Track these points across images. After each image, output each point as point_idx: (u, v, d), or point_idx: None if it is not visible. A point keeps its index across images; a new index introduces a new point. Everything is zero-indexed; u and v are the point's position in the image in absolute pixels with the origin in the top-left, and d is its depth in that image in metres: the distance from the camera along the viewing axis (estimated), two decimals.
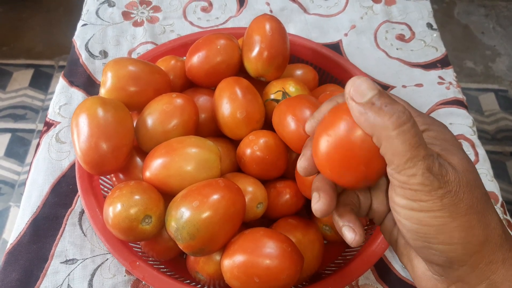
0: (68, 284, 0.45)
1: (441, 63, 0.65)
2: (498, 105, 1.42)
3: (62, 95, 0.59)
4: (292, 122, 0.40)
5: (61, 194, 0.50)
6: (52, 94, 0.59)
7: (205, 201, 0.35)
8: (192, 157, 0.39)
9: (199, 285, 0.42)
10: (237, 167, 0.46)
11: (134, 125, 0.43)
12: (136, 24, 0.68)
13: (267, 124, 0.46)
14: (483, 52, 1.56)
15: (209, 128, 0.47)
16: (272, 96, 0.46)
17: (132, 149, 0.43)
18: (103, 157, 0.39)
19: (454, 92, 0.62)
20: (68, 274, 0.45)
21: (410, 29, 0.69)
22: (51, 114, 0.57)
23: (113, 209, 0.36)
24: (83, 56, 0.63)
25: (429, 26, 0.70)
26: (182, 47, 0.55)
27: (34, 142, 1.26)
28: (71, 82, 0.60)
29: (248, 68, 0.48)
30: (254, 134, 0.43)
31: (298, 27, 0.69)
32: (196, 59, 0.47)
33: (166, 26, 0.68)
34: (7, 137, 1.28)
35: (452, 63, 0.65)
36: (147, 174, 0.39)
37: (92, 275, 0.45)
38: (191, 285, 0.39)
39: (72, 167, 0.52)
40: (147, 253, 0.43)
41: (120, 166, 0.41)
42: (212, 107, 0.46)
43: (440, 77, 0.64)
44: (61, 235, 0.48)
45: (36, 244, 0.47)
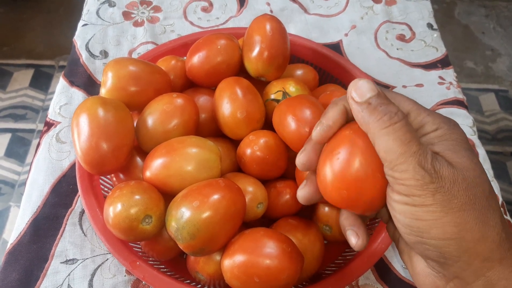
0: (68, 284, 0.45)
1: (442, 63, 0.65)
2: (499, 105, 1.42)
3: (63, 95, 0.59)
4: (293, 122, 0.40)
5: (62, 194, 0.50)
6: (53, 94, 0.59)
7: (206, 201, 0.35)
8: (193, 157, 0.39)
9: (199, 285, 0.42)
10: (238, 167, 0.46)
11: (135, 125, 0.43)
12: (137, 24, 0.68)
13: (268, 124, 0.46)
14: (484, 52, 1.56)
15: (210, 128, 0.47)
16: (273, 96, 0.46)
17: (133, 149, 0.43)
18: (104, 157, 0.39)
19: (455, 92, 0.62)
20: (68, 274, 0.45)
21: (411, 29, 0.69)
22: (52, 114, 0.57)
23: (114, 209, 0.36)
24: (84, 56, 0.63)
25: (430, 26, 0.70)
26: (183, 47, 0.55)
27: (34, 142, 1.26)
28: (72, 82, 0.60)
29: (249, 68, 0.48)
30: (255, 134, 0.43)
31: (299, 27, 0.69)
32: (197, 59, 0.47)
33: (167, 26, 0.68)
34: (7, 137, 1.28)
35: (453, 63, 0.65)
36: (148, 174, 0.39)
37: (92, 275, 0.45)
38: (191, 285, 0.39)
39: (73, 167, 0.52)
40: (147, 253, 0.43)
41: (121, 166, 0.41)
42: (213, 107, 0.46)
43: (441, 77, 0.64)
44: (61, 235, 0.48)
45: (36, 244, 0.47)
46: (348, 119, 0.28)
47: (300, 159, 0.29)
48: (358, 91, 0.25)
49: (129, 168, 0.44)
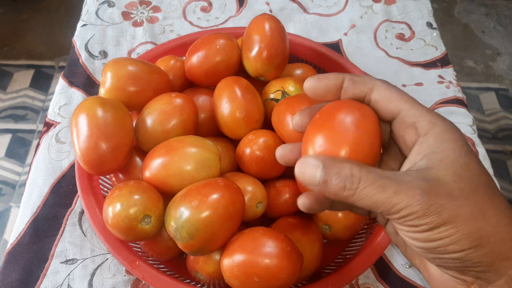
0: (68, 284, 0.45)
1: (441, 62, 0.65)
2: (499, 104, 1.42)
3: (62, 95, 0.59)
4: (292, 122, 0.40)
5: (61, 194, 0.50)
6: (53, 95, 0.59)
7: (205, 201, 0.35)
8: (192, 157, 0.39)
9: (199, 285, 0.42)
10: (237, 167, 0.46)
11: (134, 125, 0.43)
12: (136, 24, 0.68)
13: (267, 124, 0.46)
14: (484, 51, 1.56)
15: (209, 128, 0.47)
16: (272, 96, 0.46)
17: (132, 149, 0.43)
18: (103, 157, 0.39)
19: (454, 91, 0.62)
20: (68, 274, 0.45)
21: (410, 28, 0.69)
22: (51, 115, 0.57)
23: (113, 209, 0.36)
24: (83, 56, 0.63)
25: (429, 25, 0.70)
26: (182, 47, 0.55)
27: (35, 143, 1.27)
28: (71, 82, 0.60)
29: (248, 68, 0.48)
30: (254, 134, 0.43)
31: (298, 27, 0.69)
32: (196, 59, 0.47)
33: (166, 26, 0.68)
34: (8, 138, 1.28)
35: (453, 62, 0.65)
36: (147, 174, 0.39)
37: (92, 275, 0.45)
38: (191, 285, 0.39)
39: (72, 167, 0.52)
40: (147, 253, 0.43)
41: (120, 166, 0.41)
42: (212, 107, 0.46)
43: (440, 76, 0.64)
44: (61, 235, 0.48)
45: (36, 244, 0.47)
46: (342, 91, 0.28)
47: (296, 118, 0.30)
48: (307, 177, 0.24)
49: (128, 168, 0.44)
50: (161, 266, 0.43)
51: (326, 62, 0.55)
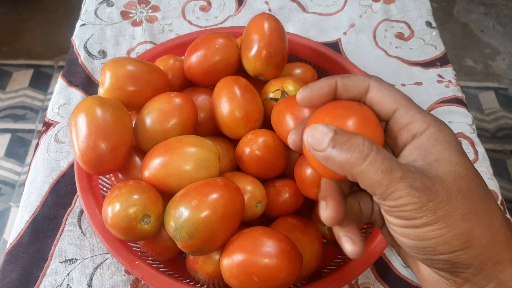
0: (68, 284, 0.45)
1: (440, 61, 0.65)
2: (498, 103, 1.42)
3: (61, 95, 0.59)
4: (291, 121, 0.40)
5: (60, 194, 0.50)
6: (52, 94, 0.59)
7: (204, 200, 0.35)
8: (191, 157, 0.38)
9: (199, 285, 0.42)
10: (236, 166, 0.46)
11: (133, 125, 0.43)
12: (135, 24, 0.68)
13: (266, 123, 0.46)
14: (483, 51, 1.56)
15: (208, 127, 0.47)
16: (271, 95, 0.46)
17: (131, 149, 0.43)
18: (102, 157, 0.38)
19: (454, 90, 0.62)
20: (68, 274, 0.45)
21: (409, 28, 0.69)
22: (50, 114, 0.57)
23: (112, 209, 0.36)
24: (82, 56, 0.63)
25: (428, 25, 0.70)
26: (181, 47, 0.55)
27: (34, 142, 1.26)
28: (70, 82, 0.60)
29: (247, 67, 0.47)
30: (253, 133, 0.43)
31: (297, 26, 0.69)
32: (195, 58, 0.47)
33: (165, 26, 0.68)
34: (7, 138, 1.28)
35: (452, 62, 0.65)
36: (146, 174, 0.39)
37: (92, 275, 0.45)
38: (191, 285, 0.39)
39: (71, 167, 0.52)
40: (146, 253, 0.43)
41: (119, 166, 0.41)
42: (211, 106, 0.46)
43: (440, 75, 0.64)
44: (61, 235, 0.48)
45: (36, 244, 0.47)
46: (336, 97, 0.28)
47: (291, 137, 0.29)
48: (315, 140, 0.23)
49: (128, 168, 0.44)
50: (161, 266, 0.43)
51: (325, 62, 0.55)
